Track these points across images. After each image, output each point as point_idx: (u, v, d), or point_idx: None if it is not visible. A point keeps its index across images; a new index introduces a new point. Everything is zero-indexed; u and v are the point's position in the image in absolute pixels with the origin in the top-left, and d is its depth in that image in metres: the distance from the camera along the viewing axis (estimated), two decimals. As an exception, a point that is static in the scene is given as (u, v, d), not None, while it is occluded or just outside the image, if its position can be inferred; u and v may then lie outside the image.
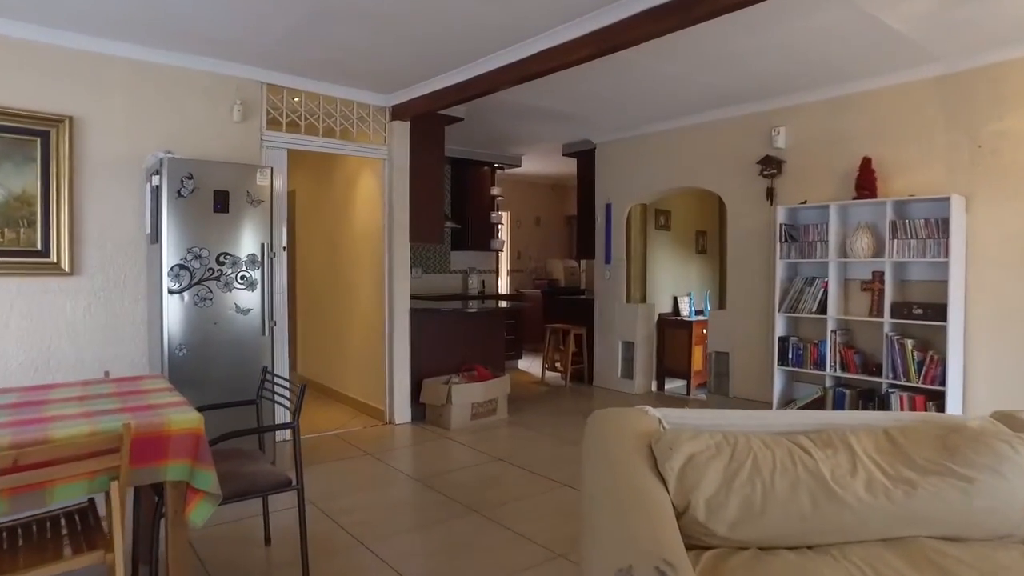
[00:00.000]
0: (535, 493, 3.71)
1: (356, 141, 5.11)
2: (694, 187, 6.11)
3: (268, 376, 3.03)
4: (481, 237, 8.01)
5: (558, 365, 7.35)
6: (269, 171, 3.87)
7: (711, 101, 5.38)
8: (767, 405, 5.28)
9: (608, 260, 6.76)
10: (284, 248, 4.68)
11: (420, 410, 5.31)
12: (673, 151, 6.12)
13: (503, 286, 10.03)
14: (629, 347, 6.63)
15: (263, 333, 3.86)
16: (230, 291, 3.75)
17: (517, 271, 10.30)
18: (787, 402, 5.05)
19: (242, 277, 3.78)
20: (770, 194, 5.33)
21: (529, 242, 10.49)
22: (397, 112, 5.15)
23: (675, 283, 7.35)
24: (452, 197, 8.12)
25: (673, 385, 7.08)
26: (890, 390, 4.34)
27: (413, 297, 7.00)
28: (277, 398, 2.92)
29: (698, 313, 7.34)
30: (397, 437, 4.93)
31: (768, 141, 5.32)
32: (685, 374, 6.86)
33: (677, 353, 6.92)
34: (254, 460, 2.69)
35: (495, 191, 8.26)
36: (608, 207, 6.76)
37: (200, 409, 2.20)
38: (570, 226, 11.01)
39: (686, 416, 2.25)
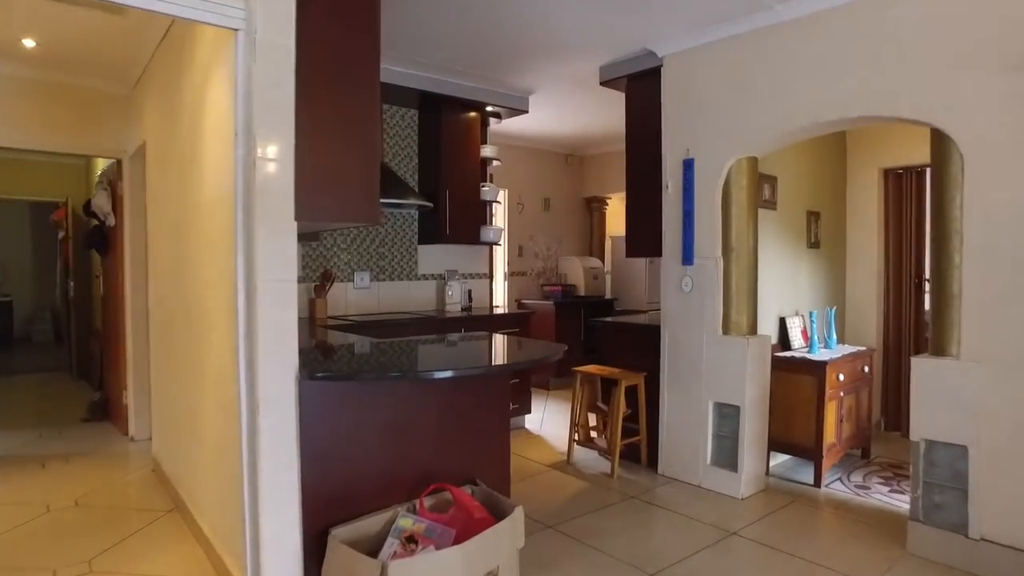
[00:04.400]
0: None
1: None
2: (873, 117, 3.18)
3: None
4: (466, 223, 5.08)
5: (596, 436, 4.44)
6: None
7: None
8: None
9: (688, 259, 3.86)
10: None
11: (327, 591, 2.37)
12: (829, 51, 3.21)
13: (499, 296, 7.10)
14: (730, 414, 3.73)
15: None
16: None
17: (518, 274, 7.38)
18: None
19: None
20: (1093, 114, 2.44)
21: (535, 233, 7.57)
22: (263, -82, 2.20)
23: (780, 296, 4.46)
24: (420, 158, 5.18)
25: (778, 462, 4.23)
26: None
27: (359, 323, 4.07)
28: None
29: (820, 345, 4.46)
30: None
31: (1088, -2, 2.44)
32: (810, 449, 3.99)
33: (796, 413, 4.06)
34: None
35: (487, 151, 5.32)
36: (688, 165, 3.85)
37: None
38: (590, 212, 8.10)
39: None
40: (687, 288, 3.86)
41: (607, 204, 8.07)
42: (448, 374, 2.37)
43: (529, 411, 5.27)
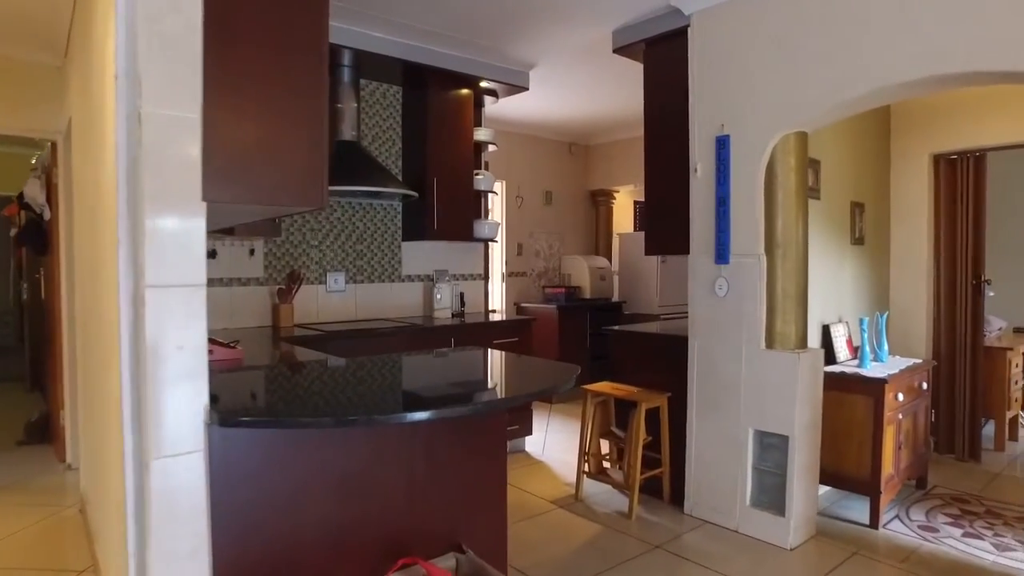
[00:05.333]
0: None
1: None
2: (972, 74, 2.50)
3: None
4: (457, 216, 4.41)
5: (609, 467, 3.78)
6: None
7: None
8: None
9: (723, 256, 3.19)
10: None
11: None
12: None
13: (496, 299, 6.45)
14: (775, 444, 3.07)
15: None
16: None
17: (517, 274, 6.71)
18: None
19: None
20: None
21: (536, 229, 6.90)
22: None
23: (823, 300, 3.80)
24: (404, 142, 4.52)
25: (820, 493, 3.59)
26: None
27: (330, 332, 3.41)
28: None
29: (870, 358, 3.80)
30: None
31: None
32: (864, 483, 3.35)
33: (848, 440, 3.43)
34: None
35: (482, 134, 4.66)
36: (722, 143, 3.18)
37: None
38: (595, 206, 7.44)
39: None
40: (721, 291, 3.20)
41: (614, 198, 7.41)
42: (423, 416, 1.70)
43: (530, 432, 4.60)
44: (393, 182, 3.96)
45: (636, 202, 7.94)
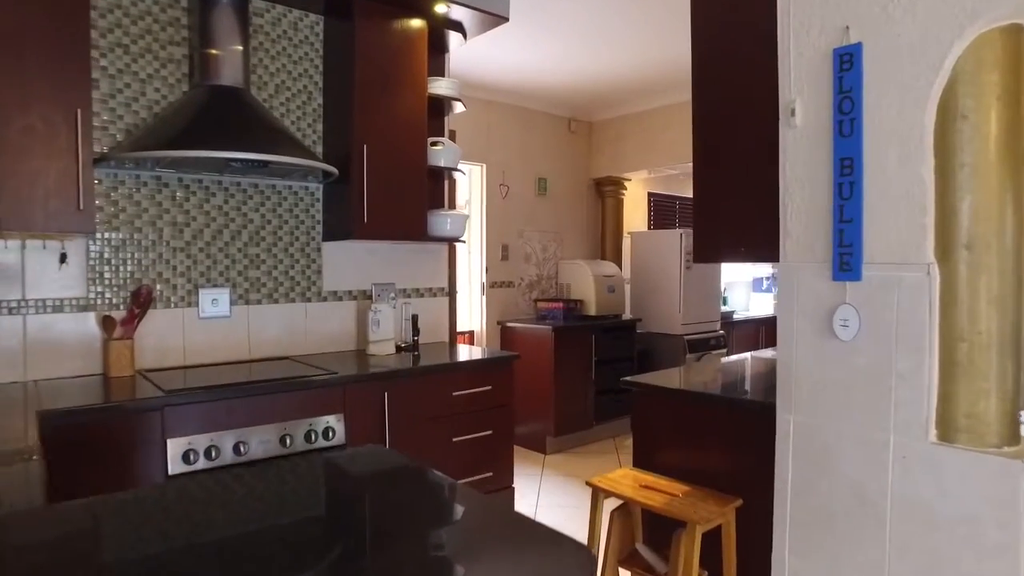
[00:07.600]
0: None
1: None
2: None
3: None
4: (401, 205, 2.98)
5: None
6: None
7: None
8: None
9: (851, 267, 1.75)
10: None
11: None
12: None
13: (475, 318, 5.04)
14: (959, 625, 1.63)
15: None
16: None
17: (502, 285, 5.28)
18: None
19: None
20: None
21: (526, 227, 5.48)
22: None
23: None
24: (326, 96, 3.09)
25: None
26: None
27: (189, 390, 1.92)
28: None
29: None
30: None
31: None
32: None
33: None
34: None
35: (442, 88, 3.23)
36: (846, 59, 1.74)
37: None
38: (602, 199, 6.03)
39: None
40: (847, 330, 1.76)
41: (625, 188, 6.00)
42: None
43: (511, 497, 3.15)
44: (294, 149, 2.53)
45: (651, 194, 6.53)
